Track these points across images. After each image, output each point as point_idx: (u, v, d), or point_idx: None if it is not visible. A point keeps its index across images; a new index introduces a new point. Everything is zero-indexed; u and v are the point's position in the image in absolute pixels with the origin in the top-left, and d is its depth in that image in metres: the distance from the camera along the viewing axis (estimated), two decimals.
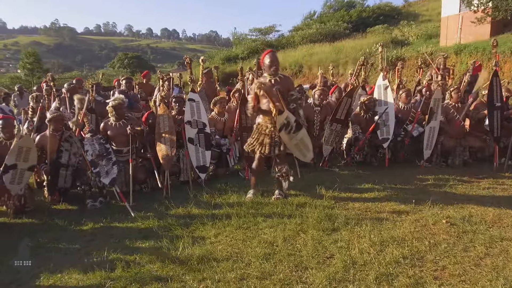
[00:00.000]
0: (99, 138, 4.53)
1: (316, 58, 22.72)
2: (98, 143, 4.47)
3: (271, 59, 4.16)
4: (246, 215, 3.85)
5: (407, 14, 31.83)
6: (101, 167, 4.37)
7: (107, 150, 4.52)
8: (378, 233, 3.34)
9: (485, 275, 2.63)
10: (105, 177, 4.36)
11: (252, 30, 33.96)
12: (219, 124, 5.67)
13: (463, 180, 4.93)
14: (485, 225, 3.45)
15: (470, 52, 15.01)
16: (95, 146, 4.43)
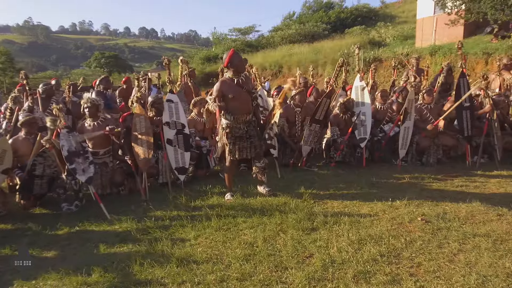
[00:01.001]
0: (75, 135, 4.38)
1: (296, 59, 22.91)
2: (74, 140, 4.33)
3: (241, 59, 4.21)
4: (226, 216, 3.84)
5: (384, 16, 32.47)
6: (77, 164, 4.24)
7: (83, 148, 4.40)
8: (356, 231, 3.40)
9: (459, 271, 2.71)
10: (81, 175, 4.23)
11: (232, 30, 33.96)
12: (199, 125, 5.63)
13: (437, 178, 5.07)
14: (459, 222, 3.55)
15: (445, 53, 15.47)
16: (71, 143, 4.29)
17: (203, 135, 5.69)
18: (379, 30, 25.30)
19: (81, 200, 4.48)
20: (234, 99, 4.10)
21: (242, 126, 4.22)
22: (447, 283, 2.56)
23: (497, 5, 15.31)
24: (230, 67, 4.14)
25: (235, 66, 4.13)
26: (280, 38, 28.71)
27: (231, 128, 4.20)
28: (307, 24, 29.23)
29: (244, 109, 4.22)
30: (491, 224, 3.50)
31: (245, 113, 4.24)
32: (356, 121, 5.70)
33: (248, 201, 4.29)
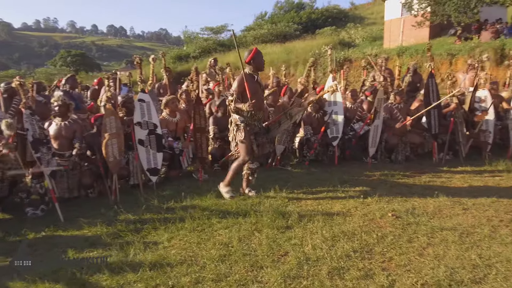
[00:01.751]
0: (38, 120, 4.16)
1: (268, 58, 22.87)
2: (37, 125, 4.11)
3: (262, 57, 4.24)
4: (200, 217, 3.79)
5: (354, 17, 33.22)
6: (42, 154, 4.03)
7: (46, 137, 4.19)
8: (329, 228, 3.45)
9: (428, 264, 2.80)
10: (46, 166, 4.03)
11: (203, 29, 33.62)
12: (171, 125, 5.54)
13: (406, 175, 5.23)
14: (427, 217, 3.68)
15: (411, 54, 16.01)
16: (35, 128, 4.07)
17: (176, 135, 5.59)
18: (349, 31, 25.86)
19: (47, 204, 4.29)
20: (253, 96, 4.06)
21: (257, 123, 4.23)
22: (417, 276, 2.64)
23: (460, 8, 16.00)
24: (252, 64, 4.16)
25: (257, 63, 4.17)
26: (253, 37, 28.76)
27: (249, 125, 4.16)
28: (279, 24, 29.46)
29: (260, 107, 4.29)
30: (457, 218, 3.65)
31: (260, 110, 4.29)
32: (328, 120, 5.79)
33: (223, 202, 4.26)
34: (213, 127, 5.59)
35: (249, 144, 4.18)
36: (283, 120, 4.53)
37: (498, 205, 3.96)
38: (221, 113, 5.72)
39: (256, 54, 4.14)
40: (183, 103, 5.96)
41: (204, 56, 27.56)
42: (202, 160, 5.20)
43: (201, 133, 5.18)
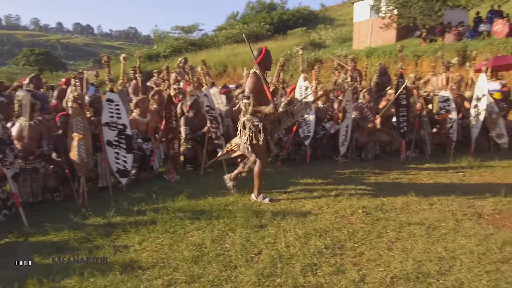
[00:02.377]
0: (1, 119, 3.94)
1: (240, 58, 23.00)
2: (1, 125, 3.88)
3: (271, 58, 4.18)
4: (173, 219, 3.73)
5: (324, 18, 33.80)
6: (4, 155, 3.81)
7: (9, 138, 3.97)
8: (302, 226, 3.49)
9: (397, 258, 2.89)
10: (8, 168, 3.82)
11: (174, 28, 33.16)
12: (141, 125, 5.42)
13: (375, 173, 5.38)
14: (395, 212, 3.80)
15: (379, 55, 16.45)
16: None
17: (146, 136, 5.48)
18: (319, 32, 26.29)
19: (9, 209, 4.08)
20: (264, 96, 4.01)
21: (266, 123, 4.12)
22: (386, 269, 2.72)
23: (425, 11, 16.64)
24: (261, 64, 4.07)
25: (266, 63, 4.11)
26: (224, 37, 28.70)
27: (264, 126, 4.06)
28: (251, 25, 29.54)
29: None
30: (424, 212, 3.79)
31: None
32: (300, 119, 5.85)
33: (196, 203, 4.21)
34: (185, 127, 5.52)
35: (267, 145, 4.12)
36: (283, 119, 4.42)
37: (462, 200, 4.14)
38: (192, 113, 5.66)
39: (266, 54, 4.09)
40: (154, 104, 5.85)
41: (175, 55, 27.20)
42: (174, 161, 5.13)
43: (173, 133, 5.11)
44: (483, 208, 3.89)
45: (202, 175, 5.40)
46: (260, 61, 4.06)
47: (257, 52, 4.10)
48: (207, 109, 5.45)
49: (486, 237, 3.17)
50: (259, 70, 4.03)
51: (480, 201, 4.09)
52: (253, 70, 4.08)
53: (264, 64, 4.10)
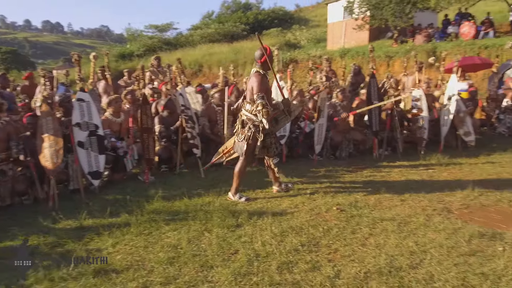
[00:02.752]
0: None
1: (216, 58, 22.91)
2: None
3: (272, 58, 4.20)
4: (147, 220, 3.67)
5: (299, 19, 34.14)
6: None
7: None
8: (278, 224, 3.51)
9: (370, 253, 2.95)
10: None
11: (148, 26, 32.63)
12: (114, 125, 5.29)
13: (349, 171, 5.49)
14: (369, 209, 3.88)
15: (353, 56, 16.79)
16: None
17: (120, 137, 5.36)
18: (294, 32, 26.53)
19: None
20: (268, 96, 4.06)
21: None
22: (360, 265, 2.78)
23: (396, 12, 17.10)
24: (264, 64, 4.09)
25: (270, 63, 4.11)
26: (200, 37, 28.49)
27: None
28: (226, 24, 29.46)
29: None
30: (396, 208, 3.90)
31: None
32: None
33: (171, 203, 4.16)
34: (159, 126, 5.44)
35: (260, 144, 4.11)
36: (280, 117, 4.39)
37: (432, 196, 4.28)
38: (167, 113, 5.58)
39: (270, 55, 4.11)
40: (128, 104, 5.73)
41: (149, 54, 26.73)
42: (149, 162, 5.05)
43: (148, 133, 5.03)
44: (451, 203, 4.04)
45: (177, 176, 5.34)
46: (264, 60, 4.08)
47: (260, 52, 4.09)
48: (182, 108, 5.40)
49: (454, 231, 3.29)
50: (262, 70, 4.08)
51: (449, 197, 4.24)
52: (256, 70, 4.11)
53: (267, 64, 4.11)
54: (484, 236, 3.17)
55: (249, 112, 4.10)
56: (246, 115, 4.12)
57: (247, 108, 4.13)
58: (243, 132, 4.13)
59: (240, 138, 4.16)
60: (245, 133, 4.10)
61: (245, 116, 4.13)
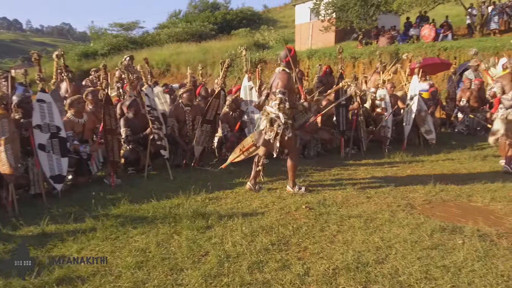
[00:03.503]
0: None
1: (184, 58, 22.64)
2: None
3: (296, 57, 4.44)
4: (114, 224, 3.57)
5: (267, 20, 34.37)
6: None
7: None
8: (249, 224, 3.51)
9: (338, 250, 3.02)
10: None
11: (112, 25, 31.76)
12: (77, 127, 5.10)
13: (317, 169, 5.59)
14: (336, 206, 3.97)
15: (320, 57, 17.10)
16: None
17: (83, 138, 5.17)
18: (262, 33, 26.67)
19: None
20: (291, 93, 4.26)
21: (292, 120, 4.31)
22: (329, 261, 2.83)
23: (361, 15, 17.60)
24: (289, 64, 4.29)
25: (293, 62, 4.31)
26: (167, 36, 28.04)
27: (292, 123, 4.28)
28: (194, 24, 29.17)
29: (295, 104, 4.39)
30: (362, 205, 4.01)
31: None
32: (246, 119, 5.90)
33: (139, 207, 4.06)
34: (125, 129, 5.30)
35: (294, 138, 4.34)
36: (297, 115, 4.57)
37: (396, 192, 4.45)
38: (132, 114, 5.44)
39: (294, 54, 4.34)
40: (90, 104, 5.54)
41: (114, 53, 26.07)
42: (114, 164, 4.91)
43: (112, 135, 4.88)
44: (414, 199, 4.21)
45: (145, 178, 5.22)
46: (289, 60, 4.27)
47: (285, 52, 4.30)
48: (148, 109, 5.28)
49: (417, 226, 3.42)
50: (284, 68, 4.27)
51: (412, 193, 4.42)
52: (281, 68, 4.29)
53: (293, 63, 4.30)
54: (445, 230, 3.31)
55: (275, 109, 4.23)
56: (274, 113, 4.22)
57: (273, 105, 4.22)
58: (272, 129, 4.25)
59: (269, 135, 4.27)
60: (274, 130, 4.22)
61: (273, 114, 4.22)
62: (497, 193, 4.35)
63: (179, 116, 5.75)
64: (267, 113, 4.29)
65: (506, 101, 5.09)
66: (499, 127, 5.23)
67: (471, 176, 5.05)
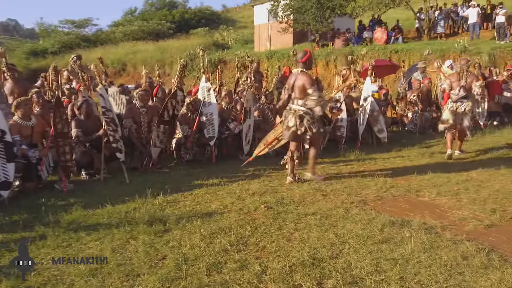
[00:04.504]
0: None
1: (141, 57, 22.08)
2: None
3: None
4: (66, 231, 3.43)
5: (226, 20, 34.30)
6: None
7: None
8: (207, 226, 3.51)
9: (295, 247, 3.09)
10: None
11: (63, 21, 30.28)
12: (25, 130, 4.82)
13: (276, 169, 5.68)
14: (294, 205, 4.06)
15: (279, 58, 17.35)
16: None
17: (32, 142, 4.89)
18: (222, 33, 26.59)
19: None
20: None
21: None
22: (286, 259, 2.89)
23: (317, 17, 18.06)
24: (307, 63, 4.77)
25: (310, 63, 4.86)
26: (122, 34, 27.20)
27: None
28: (151, 22, 28.52)
29: None
30: (318, 203, 4.13)
31: None
32: (204, 120, 5.88)
33: (93, 212, 3.92)
34: (76, 130, 5.09)
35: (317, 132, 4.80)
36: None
37: (350, 189, 4.62)
38: (84, 116, 5.23)
39: (311, 55, 4.80)
40: (36, 106, 5.26)
41: (65, 51, 24.90)
42: (66, 169, 4.70)
43: (64, 138, 4.67)
44: (367, 196, 4.40)
45: (99, 182, 5.05)
46: (305, 60, 4.73)
47: (302, 53, 4.78)
48: (103, 110, 5.12)
49: (369, 221, 3.58)
50: (305, 68, 4.74)
51: (365, 190, 4.61)
52: (300, 69, 4.73)
53: (309, 64, 4.83)
54: (395, 225, 3.50)
55: (303, 106, 4.63)
56: (301, 110, 4.63)
57: (300, 103, 4.65)
58: (302, 125, 4.66)
59: (301, 130, 4.70)
60: (304, 125, 4.65)
61: (302, 110, 4.63)
62: (442, 187, 4.65)
63: (135, 117, 5.61)
64: (294, 111, 4.69)
65: (454, 95, 6.01)
66: (448, 117, 6.07)
67: (419, 172, 5.35)
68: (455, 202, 4.15)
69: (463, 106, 5.95)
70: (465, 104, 5.95)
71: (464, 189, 4.57)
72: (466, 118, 5.97)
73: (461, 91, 5.93)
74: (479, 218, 3.66)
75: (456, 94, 5.96)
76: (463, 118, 5.97)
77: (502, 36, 13.62)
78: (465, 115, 5.97)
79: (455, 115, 5.99)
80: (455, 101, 5.99)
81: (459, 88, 5.94)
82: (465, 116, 5.97)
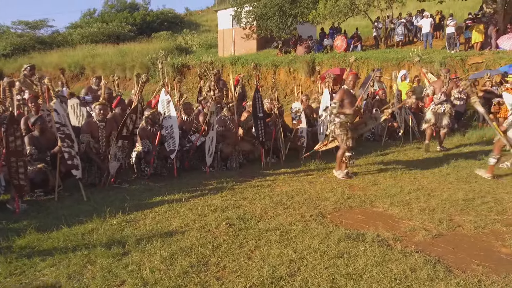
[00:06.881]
0: None
1: (100, 60, 21.39)
2: None
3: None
4: (19, 257, 3.29)
5: (189, 23, 33.95)
6: None
7: None
8: (168, 247, 3.48)
9: (255, 266, 3.15)
10: None
11: (16, 22, 28.75)
12: None
13: (239, 181, 5.72)
14: (255, 220, 4.11)
15: (242, 63, 17.43)
16: None
17: None
18: (185, 37, 26.32)
19: None
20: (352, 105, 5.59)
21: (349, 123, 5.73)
22: (246, 279, 2.94)
23: (280, 24, 18.33)
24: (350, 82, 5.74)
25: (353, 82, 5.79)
26: (80, 36, 26.25)
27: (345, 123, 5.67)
28: (111, 24, 27.71)
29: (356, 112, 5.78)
30: (279, 218, 4.21)
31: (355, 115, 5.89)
32: (164, 133, 5.82)
33: (47, 235, 3.78)
34: (30, 147, 4.88)
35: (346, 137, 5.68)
36: (368, 121, 6.48)
37: (310, 202, 4.75)
38: (37, 132, 5.02)
39: (353, 76, 5.75)
40: None
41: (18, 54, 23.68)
42: (19, 188, 4.49)
43: (17, 157, 4.46)
44: (325, 208, 4.54)
45: (54, 202, 4.85)
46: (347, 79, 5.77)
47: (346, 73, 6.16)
48: (57, 126, 4.93)
49: (326, 236, 3.70)
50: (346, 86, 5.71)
51: (323, 201, 4.76)
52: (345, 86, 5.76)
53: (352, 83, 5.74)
54: (350, 238, 3.64)
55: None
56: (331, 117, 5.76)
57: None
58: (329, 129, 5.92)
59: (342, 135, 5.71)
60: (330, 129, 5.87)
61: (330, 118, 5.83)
62: (395, 197, 4.88)
63: (93, 132, 5.46)
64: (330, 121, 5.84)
65: (436, 99, 7.18)
66: (430, 117, 7.30)
67: (375, 182, 5.60)
68: (406, 213, 4.37)
69: (442, 108, 7.12)
70: (445, 106, 7.12)
71: (415, 198, 4.83)
72: (445, 118, 7.18)
73: (442, 96, 7.09)
74: (427, 228, 3.89)
75: (438, 98, 7.12)
76: (443, 118, 7.19)
77: (452, 45, 14.52)
78: (444, 115, 7.17)
79: (436, 116, 7.20)
80: (436, 104, 7.17)
81: (440, 93, 7.09)
82: (444, 116, 7.16)
